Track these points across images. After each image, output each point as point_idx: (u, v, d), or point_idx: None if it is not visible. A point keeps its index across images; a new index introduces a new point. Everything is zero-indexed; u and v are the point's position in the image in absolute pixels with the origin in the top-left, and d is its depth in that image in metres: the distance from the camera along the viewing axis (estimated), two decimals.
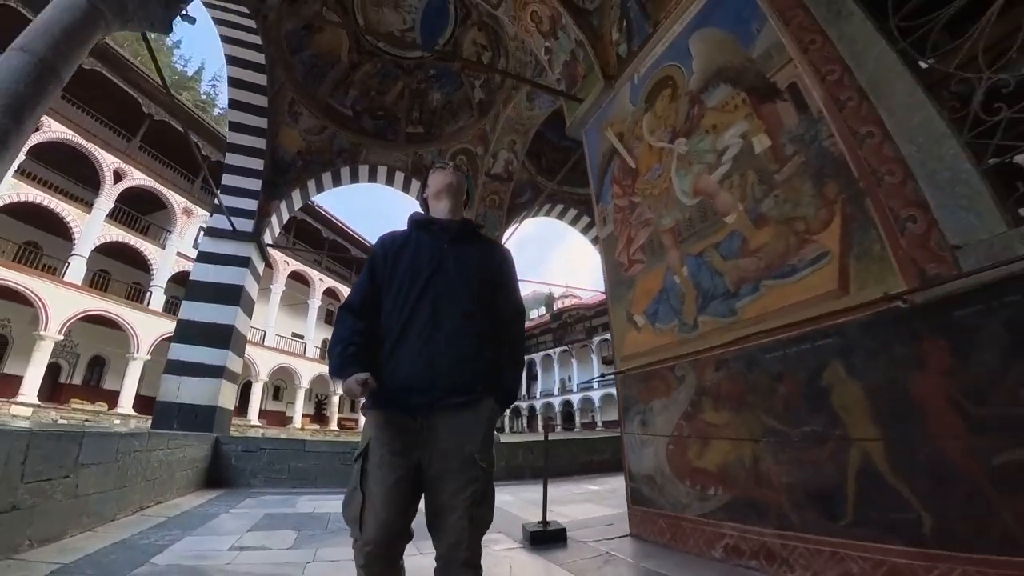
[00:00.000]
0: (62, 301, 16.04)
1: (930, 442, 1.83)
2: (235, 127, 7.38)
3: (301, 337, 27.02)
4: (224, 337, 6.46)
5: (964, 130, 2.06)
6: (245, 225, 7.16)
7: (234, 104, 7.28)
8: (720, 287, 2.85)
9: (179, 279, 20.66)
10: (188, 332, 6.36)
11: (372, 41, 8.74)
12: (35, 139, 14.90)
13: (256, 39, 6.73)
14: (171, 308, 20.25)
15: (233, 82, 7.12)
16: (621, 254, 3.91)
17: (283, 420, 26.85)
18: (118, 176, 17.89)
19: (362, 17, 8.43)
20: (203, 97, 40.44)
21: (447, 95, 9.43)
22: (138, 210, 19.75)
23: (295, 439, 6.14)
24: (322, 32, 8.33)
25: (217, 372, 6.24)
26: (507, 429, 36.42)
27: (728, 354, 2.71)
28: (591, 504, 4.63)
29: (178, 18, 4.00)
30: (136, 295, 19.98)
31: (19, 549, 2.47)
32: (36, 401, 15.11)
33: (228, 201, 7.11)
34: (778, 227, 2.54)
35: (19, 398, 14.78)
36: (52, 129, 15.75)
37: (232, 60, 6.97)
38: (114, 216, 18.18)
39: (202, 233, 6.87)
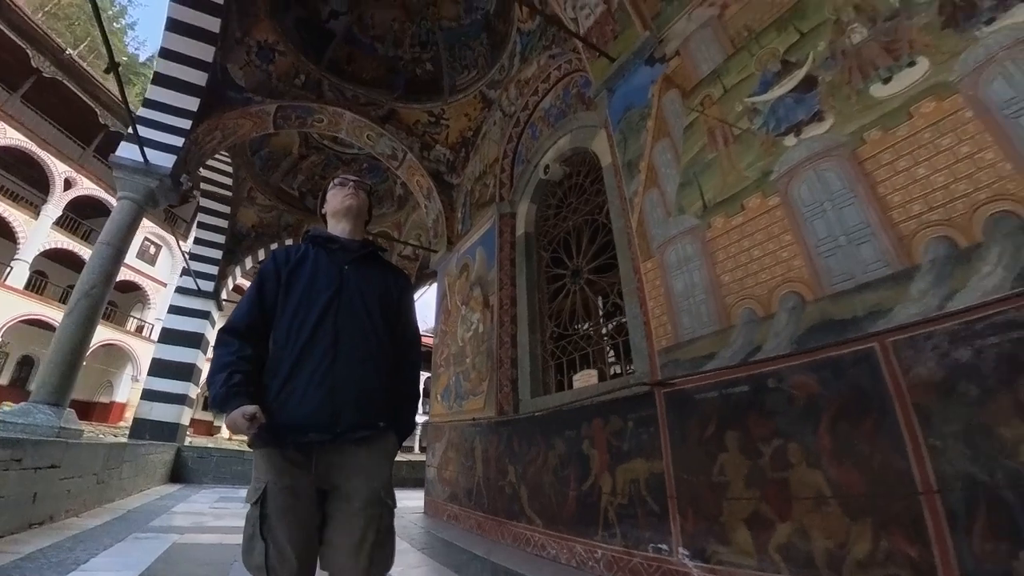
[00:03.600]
0: (2, 305, 16.88)
1: (498, 474, 5.05)
2: (204, 211, 9.91)
3: None
4: (188, 372, 8.98)
5: (545, 345, 5.31)
6: (207, 286, 9.71)
7: (205, 194, 9.82)
8: (461, 393, 6.06)
9: (122, 287, 21.79)
10: (160, 368, 8.84)
11: (318, 139, 11.52)
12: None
13: (227, 157, 9.34)
14: (107, 316, 21.30)
15: (206, 180, 9.66)
16: (439, 357, 7.08)
17: (211, 429, 27.20)
18: (68, 184, 19.12)
19: None
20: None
21: (375, 185, 12.34)
22: (81, 216, 20.67)
23: (236, 449, 8.80)
24: (277, 135, 11.00)
25: (181, 400, 8.73)
26: None
27: (457, 424, 5.92)
28: None
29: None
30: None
31: (103, 503, 5.18)
32: None
33: (195, 266, 9.63)
34: (477, 373, 5.78)
35: None
36: (6, 135, 16.95)
37: (206, 167, 9.54)
38: (60, 223, 19.26)
39: (174, 292, 9.32)
